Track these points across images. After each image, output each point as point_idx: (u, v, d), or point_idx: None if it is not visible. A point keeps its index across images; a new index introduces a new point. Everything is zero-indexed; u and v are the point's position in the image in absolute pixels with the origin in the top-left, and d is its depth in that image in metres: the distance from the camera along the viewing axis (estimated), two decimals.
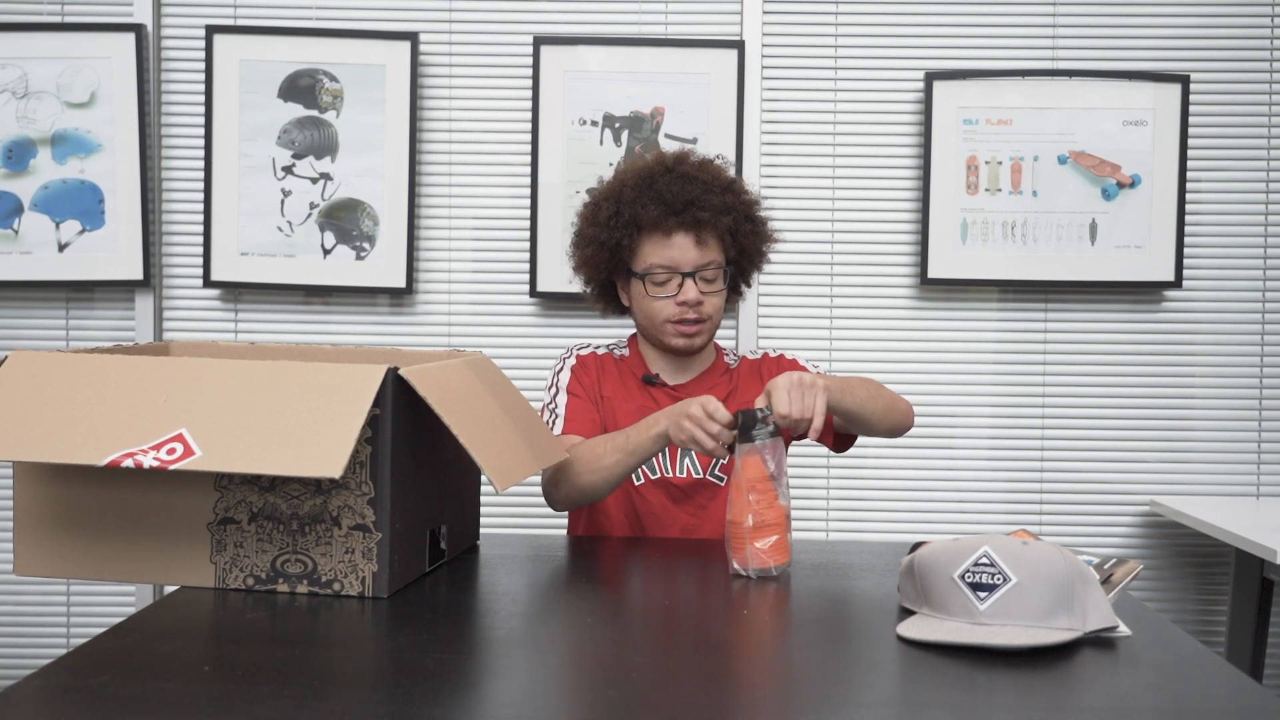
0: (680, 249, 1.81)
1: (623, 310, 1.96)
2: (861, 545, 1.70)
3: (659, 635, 1.22)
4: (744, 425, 1.47)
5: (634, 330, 1.98)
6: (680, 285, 1.81)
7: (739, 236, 1.86)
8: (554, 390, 1.89)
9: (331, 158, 2.61)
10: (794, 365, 1.94)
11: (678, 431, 1.58)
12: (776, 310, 2.65)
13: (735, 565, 1.45)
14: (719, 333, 2.58)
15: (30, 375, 1.32)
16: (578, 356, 1.93)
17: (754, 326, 2.63)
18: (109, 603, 2.68)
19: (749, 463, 1.46)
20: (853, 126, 2.65)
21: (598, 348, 1.96)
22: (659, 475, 1.83)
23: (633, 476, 1.82)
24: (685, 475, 1.84)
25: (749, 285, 2.00)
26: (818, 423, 1.53)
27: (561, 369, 1.92)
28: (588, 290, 1.97)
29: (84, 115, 2.61)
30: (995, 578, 1.17)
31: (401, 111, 2.59)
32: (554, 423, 1.84)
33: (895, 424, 1.80)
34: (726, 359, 1.97)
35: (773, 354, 1.97)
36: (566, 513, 1.95)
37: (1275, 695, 1.06)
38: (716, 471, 1.84)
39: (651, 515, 1.83)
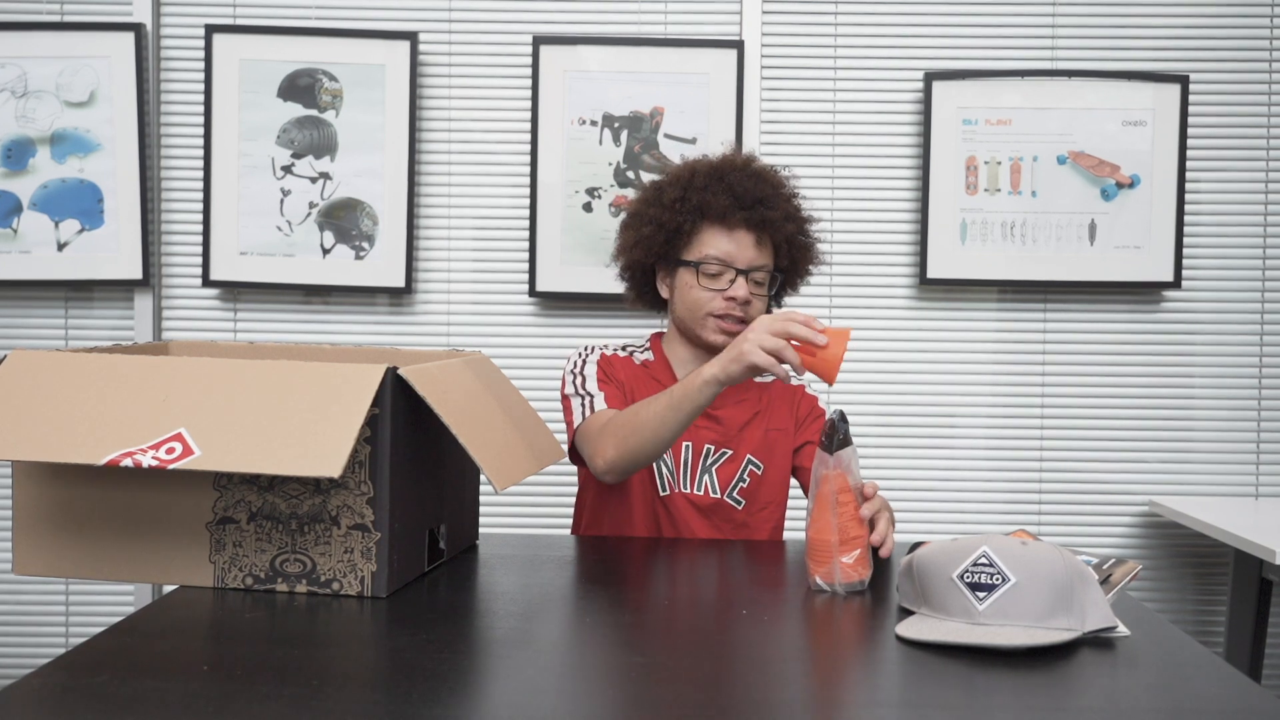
0: (740, 244, 1.79)
1: (653, 303, 1.92)
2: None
3: (658, 635, 1.22)
4: (830, 435, 1.40)
5: (654, 331, 1.95)
6: (732, 281, 1.78)
7: (794, 248, 1.85)
8: (579, 379, 1.82)
9: (331, 157, 2.61)
10: (820, 412, 1.91)
11: (752, 350, 1.46)
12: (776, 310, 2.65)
13: (819, 581, 1.39)
14: None
15: (29, 375, 1.32)
16: (601, 354, 1.86)
17: None
18: (108, 602, 2.68)
19: (832, 476, 1.39)
20: (852, 127, 2.65)
21: (617, 350, 1.89)
22: (678, 490, 1.81)
23: (658, 486, 1.80)
24: (704, 493, 1.81)
25: (779, 305, 1.97)
26: (884, 552, 1.46)
27: (584, 363, 1.84)
28: (624, 275, 1.92)
29: (83, 115, 2.61)
30: (994, 578, 1.17)
31: (401, 111, 2.59)
32: (589, 403, 1.77)
33: None
34: None
35: (808, 390, 1.93)
36: (574, 511, 1.94)
37: (1274, 695, 1.06)
38: (735, 494, 1.82)
39: (673, 527, 1.80)
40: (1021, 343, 2.65)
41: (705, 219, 1.80)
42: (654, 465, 1.80)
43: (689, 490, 1.81)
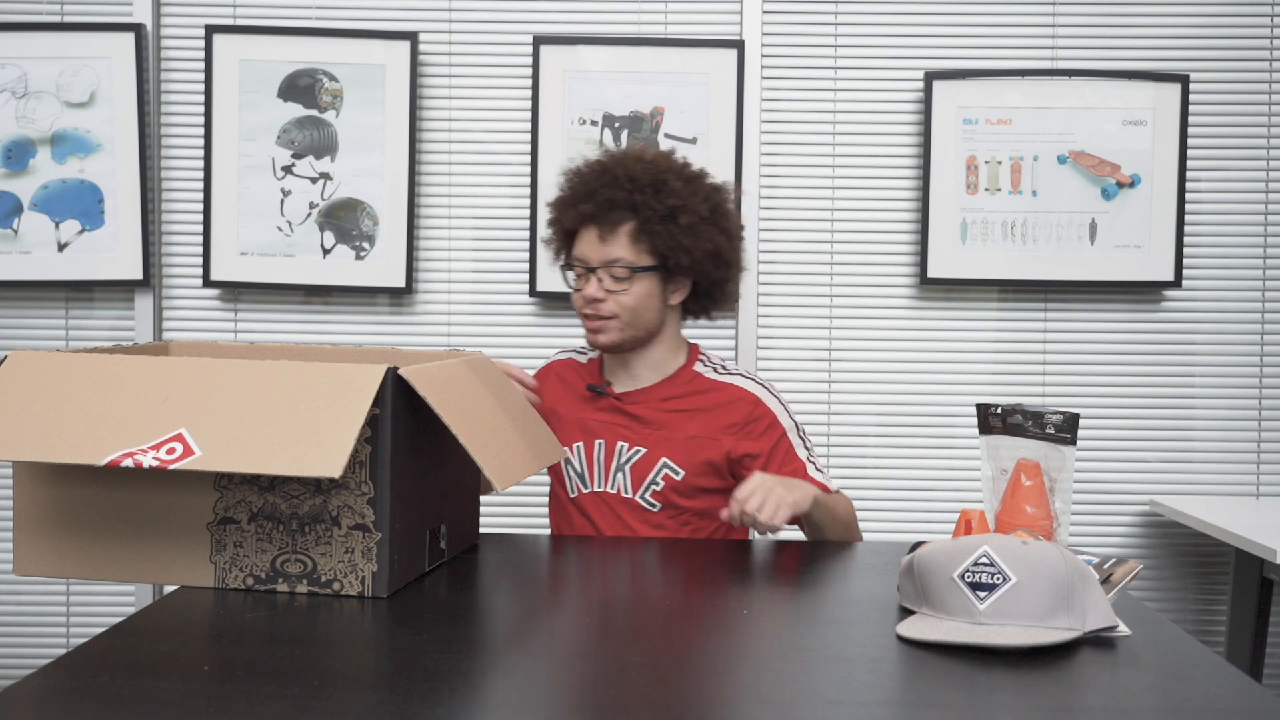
0: (587, 243, 1.80)
1: None
2: (861, 545, 1.70)
3: (658, 635, 1.22)
4: (1073, 430, 1.47)
5: None
6: (588, 280, 1.80)
7: (654, 238, 1.76)
8: None
9: (331, 157, 2.61)
10: (773, 423, 1.82)
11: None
12: (776, 310, 2.65)
13: None
14: (719, 340, 2.58)
15: (30, 375, 1.32)
16: (549, 363, 1.99)
17: (754, 326, 2.63)
18: (109, 603, 2.68)
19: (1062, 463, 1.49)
20: (853, 126, 2.65)
21: (575, 352, 1.99)
22: (587, 490, 1.82)
23: (566, 489, 1.84)
24: (616, 491, 1.81)
25: (722, 296, 1.87)
26: (776, 524, 1.59)
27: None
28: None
29: (84, 115, 2.61)
30: (995, 577, 1.17)
31: (401, 111, 2.59)
32: None
33: (847, 541, 1.79)
34: (701, 367, 1.87)
35: (766, 399, 1.83)
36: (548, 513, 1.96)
37: (1275, 695, 1.06)
38: (648, 497, 1.80)
39: (593, 527, 1.82)
40: (1022, 343, 2.65)
41: (562, 225, 1.85)
42: (562, 468, 1.84)
43: (602, 488, 1.81)
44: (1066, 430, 1.47)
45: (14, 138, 2.61)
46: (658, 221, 1.76)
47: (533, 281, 2.61)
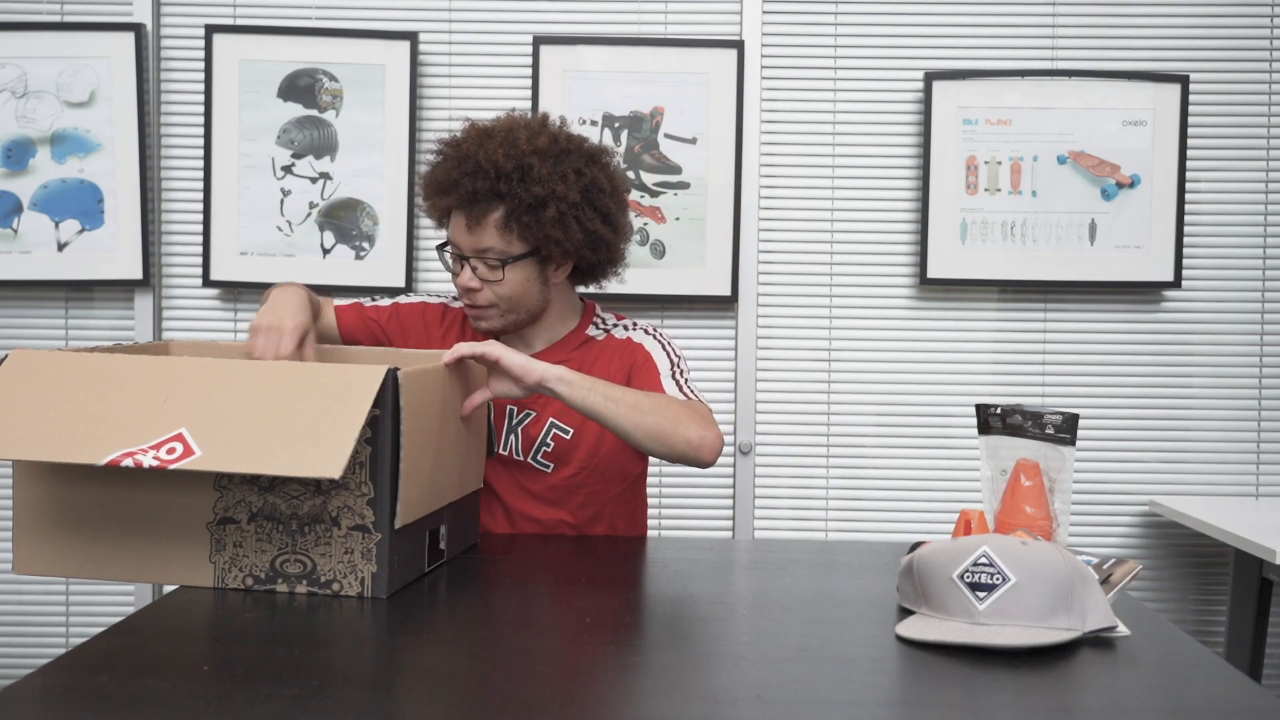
0: (456, 229, 1.74)
1: None
2: (861, 545, 1.70)
3: (658, 635, 1.22)
4: (1072, 430, 1.48)
5: None
6: (463, 267, 1.74)
7: (523, 228, 1.69)
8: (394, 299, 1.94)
9: (331, 157, 2.61)
10: (648, 360, 1.80)
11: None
12: (776, 310, 2.65)
13: None
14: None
15: (30, 374, 1.32)
16: (425, 302, 1.92)
17: (754, 326, 2.63)
18: (108, 602, 2.68)
19: (1061, 464, 1.50)
20: (852, 126, 2.65)
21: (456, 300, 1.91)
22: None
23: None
24: (509, 453, 1.78)
25: (609, 268, 1.85)
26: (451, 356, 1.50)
27: (415, 295, 1.95)
28: None
29: (83, 115, 2.60)
30: (994, 578, 1.17)
31: (401, 111, 2.59)
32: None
33: (670, 452, 1.62)
34: (594, 330, 1.86)
35: (649, 344, 1.82)
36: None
37: (1274, 695, 1.06)
38: (540, 458, 1.77)
39: (490, 493, 1.79)
40: (1021, 343, 2.65)
41: (435, 211, 1.78)
42: None
43: (493, 451, 1.77)
44: (1066, 430, 1.47)
45: (14, 137, 2.61)
46: (525, 211, 1.68)
47: None
